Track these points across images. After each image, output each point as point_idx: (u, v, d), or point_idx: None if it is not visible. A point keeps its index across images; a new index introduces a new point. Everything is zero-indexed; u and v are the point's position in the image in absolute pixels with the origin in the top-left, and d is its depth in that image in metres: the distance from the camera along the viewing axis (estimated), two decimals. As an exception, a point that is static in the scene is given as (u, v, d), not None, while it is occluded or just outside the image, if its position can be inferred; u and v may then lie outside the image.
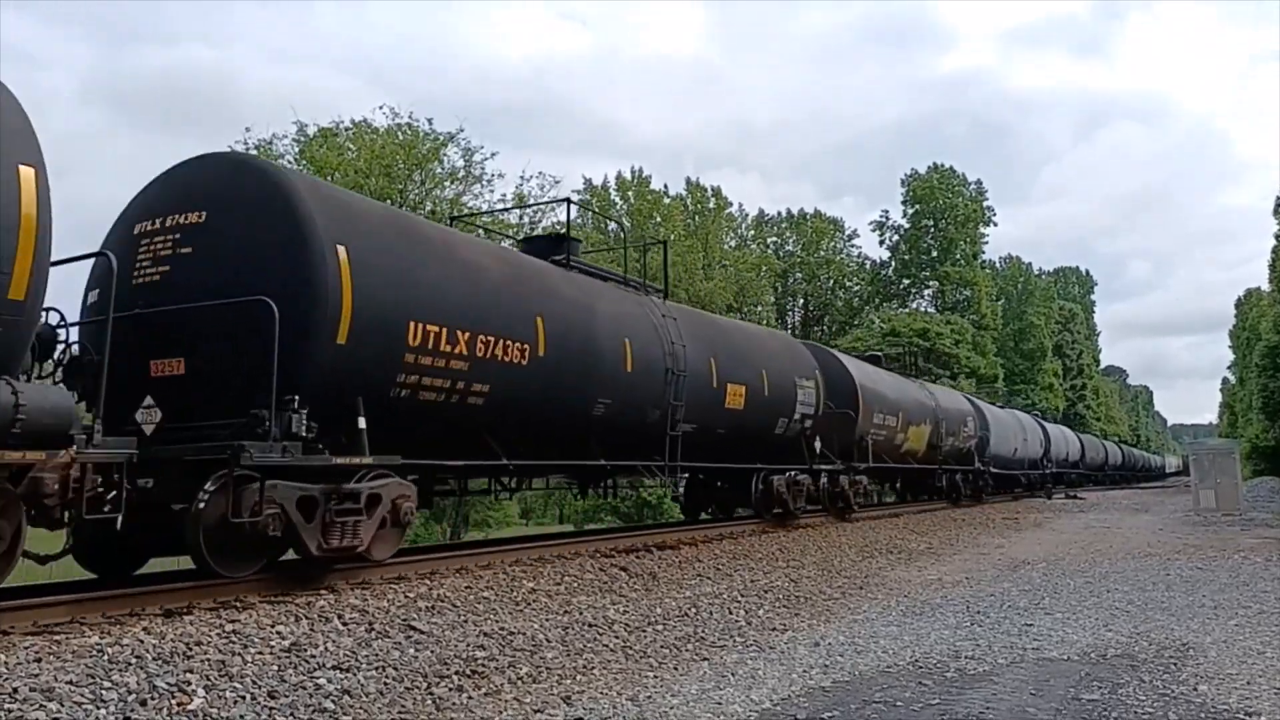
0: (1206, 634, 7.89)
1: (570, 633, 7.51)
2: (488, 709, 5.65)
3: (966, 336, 53.90)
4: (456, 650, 6.60)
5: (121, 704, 4.78)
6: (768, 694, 6.01)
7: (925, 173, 63.34)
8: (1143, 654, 7.14)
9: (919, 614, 9.09)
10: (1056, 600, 9.88)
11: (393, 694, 5.70)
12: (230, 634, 6.04)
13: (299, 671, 5.68)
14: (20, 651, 5.22)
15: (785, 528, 15.97)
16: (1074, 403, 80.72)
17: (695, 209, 50.75)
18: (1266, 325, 44.90)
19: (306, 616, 6.71)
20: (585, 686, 6.26)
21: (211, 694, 5.12)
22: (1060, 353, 79.44)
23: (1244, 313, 70.32)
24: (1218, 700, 5.73)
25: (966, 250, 62.39)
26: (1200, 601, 9.64)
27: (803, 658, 7.11)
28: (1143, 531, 19.36)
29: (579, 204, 27.82)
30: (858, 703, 5.75)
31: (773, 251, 61.30)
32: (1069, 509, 29.06)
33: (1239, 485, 26.69)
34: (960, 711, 5.52)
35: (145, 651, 5.44)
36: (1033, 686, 6.15)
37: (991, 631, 8.10)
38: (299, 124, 28.17)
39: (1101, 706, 5.61)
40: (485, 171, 30.05)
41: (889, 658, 7.09)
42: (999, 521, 22.32)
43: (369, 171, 26.60)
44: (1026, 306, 73.28)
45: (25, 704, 4.57)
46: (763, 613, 9.16)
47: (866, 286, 64.11)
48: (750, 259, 52.45)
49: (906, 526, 19.00)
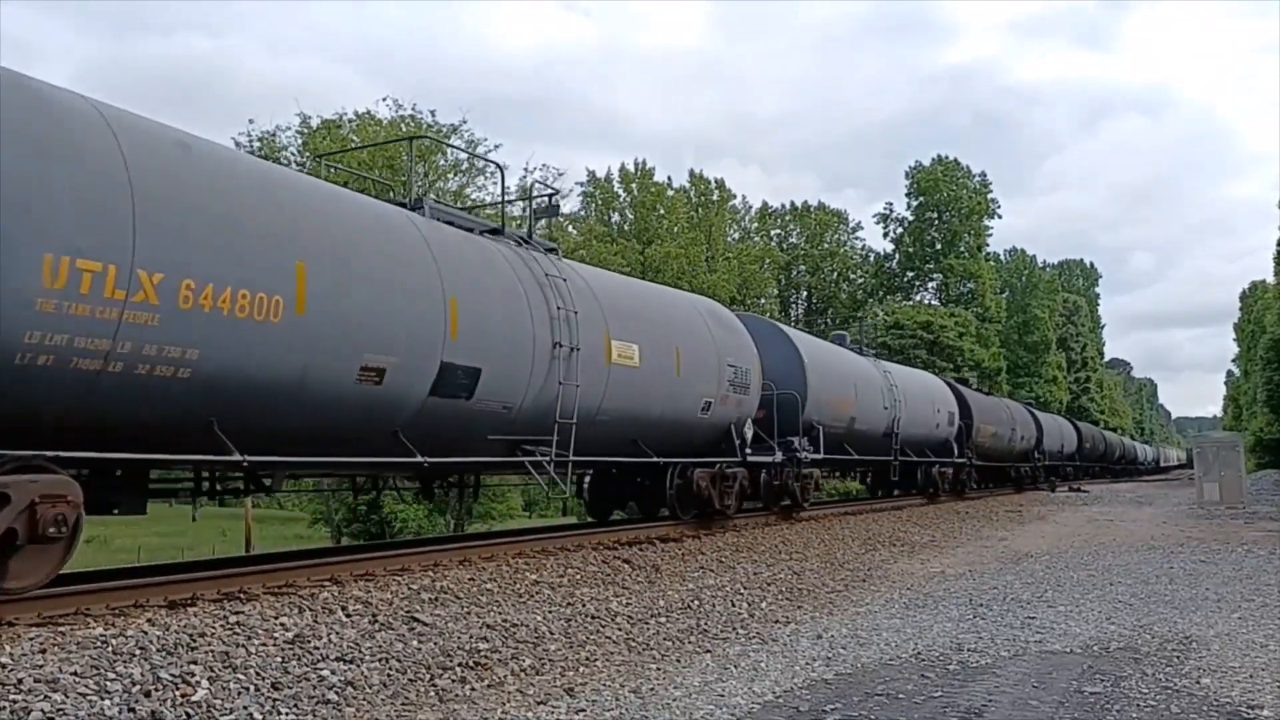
0: (1209, 627, 7.89)
1: (573, 624, 7.52)
2: (491, 700, 5.67)
3: (970, 329, 53.83)
4: (460, 642, 6.61)
5: (126, 695, 4.80)
6: (770, 686, 6.02)
7: (929, 165, 63.18)
8: (1145, 647, 7.14)
9: (921, 606, 9.10)
10: (1059, 593, 9.88)
11: (396, 685, 5.71)
12: (234, 625, 6.06)
13: (303, 663, 5.70)
14: (25, 643, 5.24)
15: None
16: (1078, 395, 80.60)
17: (699, 201, 50.72)
18: (1271, 318, 44.74)
19: (310, 608, 6.72)
20: (588, 678, 6.27)
21: (215, 685, 5.14)
22: (1064, 345, 79.31)
23: (1249, 306, 70.04)
24: (1220, 693, 5.73)
25: (970, 242, 62.27)
26: (1203, 595, 9.64)
27: (805, 650, 7.12)
28: (1146, 524, 19.35)
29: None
30: (860, 695, 5.76)
31: (776, 244, 61.28)
32: (1072, 501, 29.06)
33: (1243, 478, 26.65)
34: (963, 704, 5.53)
35: (149, 643, 5.46)
36: (1035, 679, 6.15)
37: (994, 624, 8.11)
38: (302, 116, 28.23)
39: (1104, 699, 5.62)
40: (488, 164, 30.08)
41: (891, 650, 7.09)
42: (1001, 514, 22.31)
43: (372, 164, 26.61)
44: (1030, 299, 73.13)
45: (30, 695, 4.58)
46: (765, 605, 9.17)
47: (870, 279, 64.07)
48: (754, 251, 52.46)
49: (908, 519, 18.96)
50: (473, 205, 26.52)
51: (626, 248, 41.19)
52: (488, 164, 30.21)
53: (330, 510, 28.35)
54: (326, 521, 30.09)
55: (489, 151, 30.13)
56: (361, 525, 27.39)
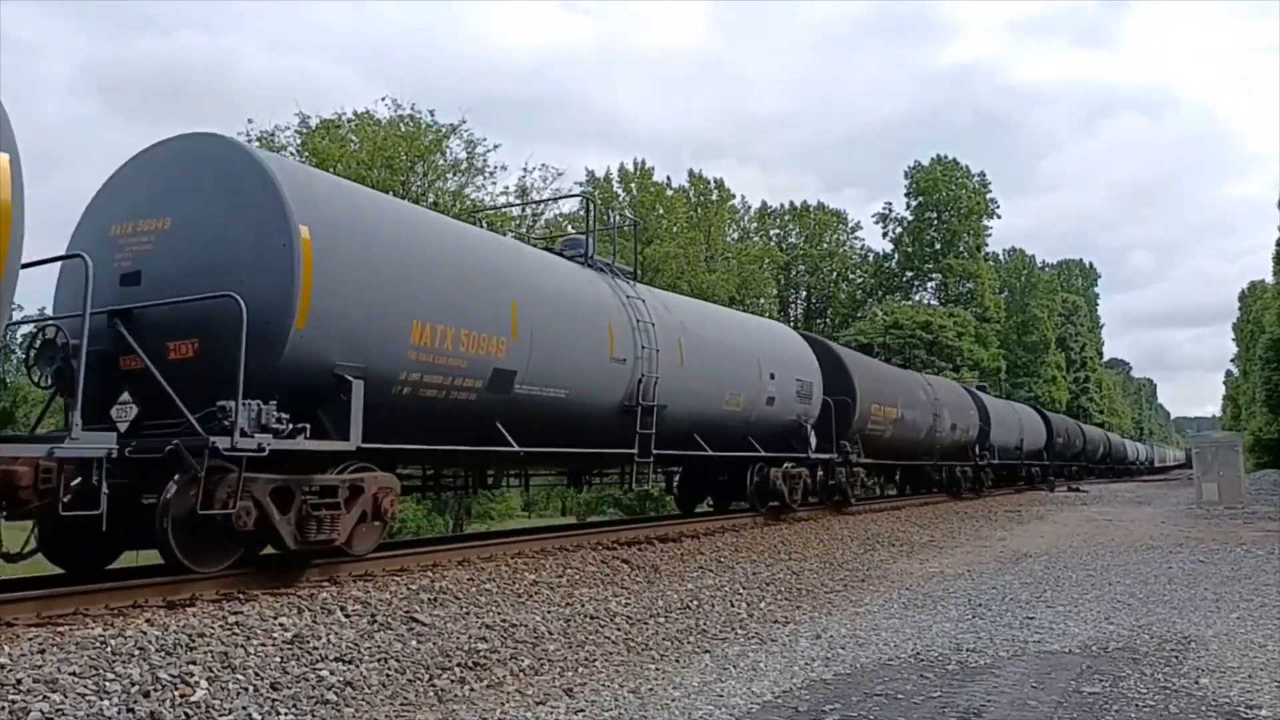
0: (1208, 627, 7.90)
1: (572, 625, 7.52)
2: (490, 701, 5.67)
3: (969, 329, 53.86)
4: (459, 642, 6.61)
5: (125, 695, 4.80)
6: (769, 686, 6.02)
7: (929, 165, 63.23)
8: (1144, 647, 7.14)
9: (920, 606, 9.10)
10: (1058, 593, 9.89)
11: (395, 686, 5.71)
12: (233, 626, 6.06)
13: (301, 663, 5.70)
14: (24, 643, 5.24)
15: (783, 521, 15.93)
16: (1077, 395, 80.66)
17: (698, 201, 50.73)
18: (1270, 318, 44.80)
19: (309, 608, 6.72)
20: (587, 678, 6.27)
21: (214, 685, 5.14)
22: (1063, 345, 79.34)
23: (1248, 305, 70.11)
24: (1219, 693, 5.74)
25: (970, 242, 62.31)
26: (1202, 594, 9.65)
27: (804, 650, 7.12)
28: (1145, 524, 19.36)
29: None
30: (859, 695, 5.76)
31: (775, 244, 61.26)
32: (1071, 501, 29.07)
33: (1241, 478, 26.67)
34: (961, 704, 5.53)
35: (148, 643, 5.46)
36: (1034, 679, 6.16)
37: (993, 624, 8.11)
38: (301, 115, 28.20)
39: (1103, 699, 5.62)
40: (488, 164, 30.04)
41: (890, 650, 7.10)
42: (1001, 514, 22.32)
43: (371, 163, 26.64)
44: (1029, 299, 73.18)
45: (29, 695, 4.58)
46: (764, 605, 9.17)
47: (869, 279, 64.08)
48: (753, 251, 52.43)
49: (907, 519, 19.02)
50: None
51: (625, 247, 41.09)
52: (487, 166, 30.13)
53: None
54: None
55: (488, 152, 30.02)
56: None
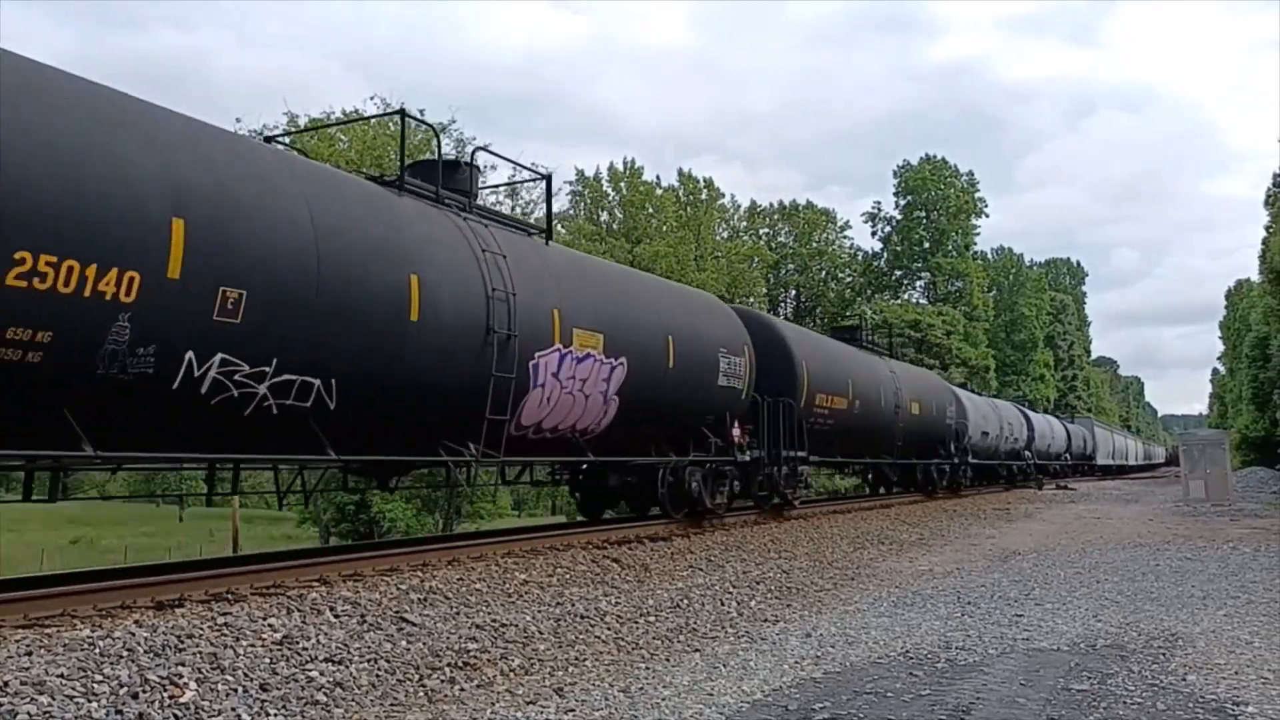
0: (1195, 624, 7.94)
1: (562, 624, 7.52)
2: (480, 701, 5.66)
3: (958, 328, 54.07)
4: (449, 642, 6.60)
5: (113, 697, 4.78)
6: (759, 685, 6.03)
7: (917, 164, 63.47)
8: (1132, 644, 7.18)
9: (910, 605, 9.12)
10: (1047, 591, 9.93)
11: (385, 686, 5.70)
12: (222, 626, 6.04)
13: (291, 664, 5.68)
14: (11, 645, 5.21)
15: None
16: (1065, 393, 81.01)
17: (688, 200, 50.78)
18: (1256, 316, 45.03)
19: (298, 609, 6.70)
20: (577, 678, 6.27)
21: (204, 687, 5.12)
22: (1052, 344, 79.69)
23: (1234, 303, 70.54)
24: (1206, 690, 5.77)
25: (958, 241, 62.58)
26: (1189, 592, 9.70)
27: (794, 649, 7.14)
28: (1132, 522, 19.46)
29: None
30: (849, 693, 5.77)
31: (765, 242, 61.37)
32: (1059, 499, 29.19)
33: (1228, 475, 26.84)
34: (951, 702, 5.55)
35: (137, 644, 5.43)
36: (1023, 677, 6.18)
37: (982, 622, 8.14)
38: (290, 114, 28.18)
39: (1091, 696, 5.65)
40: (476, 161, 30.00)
41: (880, 648, 7.11)
42: (989, 512, 22.39)
43: (360, 162, 26.56)
44: (1018, 298, 73.49)
45: (16, 697, 4.56)
46: (754, 604, 9.18)
47: (859, 278, 64.25)
48: (743, 250, 52.53)
49: (897, 517, 19.01)
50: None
51: (615, 246, 41.26)
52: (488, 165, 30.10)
53: (319, 510, 28.25)
54: (314, 521, 29.98)
55: (477, 150, 29.98)
56: (350, 525, 27.28)
